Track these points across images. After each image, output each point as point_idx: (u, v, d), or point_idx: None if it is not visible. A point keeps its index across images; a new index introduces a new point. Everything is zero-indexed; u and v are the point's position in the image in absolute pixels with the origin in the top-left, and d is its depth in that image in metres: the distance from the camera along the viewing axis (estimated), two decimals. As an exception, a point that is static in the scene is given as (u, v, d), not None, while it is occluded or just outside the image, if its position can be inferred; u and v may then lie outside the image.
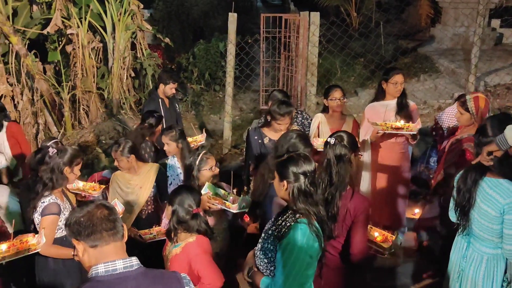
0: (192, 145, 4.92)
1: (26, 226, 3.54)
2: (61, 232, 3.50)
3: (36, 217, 3.42)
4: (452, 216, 3.22)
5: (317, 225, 2.49)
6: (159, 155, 4.95)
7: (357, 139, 3.24)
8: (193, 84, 10.19)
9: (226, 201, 3.50)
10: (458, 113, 4.02)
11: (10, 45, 7.99)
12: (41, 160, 3.62)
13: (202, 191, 3.42)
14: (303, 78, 7.10)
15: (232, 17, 6.85)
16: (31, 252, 3.27)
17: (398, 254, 3.05)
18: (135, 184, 4.21)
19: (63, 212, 3.50)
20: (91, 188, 4.22)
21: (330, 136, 3.10)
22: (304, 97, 7.11)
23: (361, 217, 2.94)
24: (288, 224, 2.49)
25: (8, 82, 8.01)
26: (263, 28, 7.44)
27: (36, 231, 3.41)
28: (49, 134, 8.62)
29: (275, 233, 2.55)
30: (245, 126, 8.01)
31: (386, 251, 3.08)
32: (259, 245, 2.68)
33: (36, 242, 3.24)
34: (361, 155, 3.42)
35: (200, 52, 10.27)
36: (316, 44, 6.78)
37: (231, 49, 6.94)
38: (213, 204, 3.47)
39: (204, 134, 5.30)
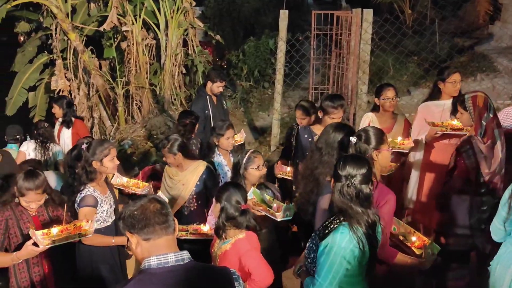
0: None
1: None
2: (99, 224, 3.59)
3: (76, 207, 3.54)
4: (498, 232, 2.94)
5: (362, 230, 2.44)
6: (202, 152, 5.00)
7: (382, 137, 3.14)
8: (242, 81, 10.25)
9: (270, 209, 3.51)
10: (458, 113, 3.83)
11: (69, 41, 8.34)
12: (77, 156, 3.71)
13: (248, 196, 3.42)
14: (354, 76, 6.98)
15: (284, 14, 6.83)
16: (81, 238, 3.36)
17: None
18: (178, 180, 4.25)
19: (100, 204, 3.58)
20: (134, 185, 4.26)
21: (352, 135, 3.09)
22: (355, 96, 7.00)
23: (383, 209, 2.88)
24: (332, 226, 2.48)
25: (66, 77, 8.37)
26: (314, 25, 7.37)
27: None
28: (103, 128, 8.93)
29: (319, 234, 2.55)
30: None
31: (418, 258, 2.99)
32: (307, 244, 2.68)
33: (88, 228, 3.33)
34: (391, 150, 3.30)
35: (250, 49, 10.31)
36: (368, 41, 6.65)
37: (282, 46, 6.93)
38: (257, 211, 3.48)
39: (243, 134, 5.29)
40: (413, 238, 3.16)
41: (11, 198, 3.38)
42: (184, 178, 4.24)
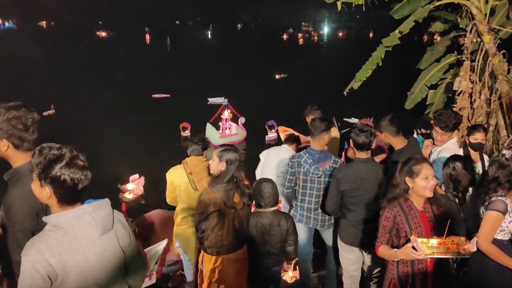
0: None
1: None
2: (504, 235, 3.48)
3: (482, 210, 3.54)
4: None
5: None
6: None
7: None
8: None
9: None
10: None
11: (481, 43, 8.09)
12: (501, 165, 3.65)
13: None
14: None
15: None
16: (460, 256, 3.29)
17: None
18: None
19: (509, 213, 3.46)
20: None
21: None
22: None
23: None
24: None
25: (470, 79, 8.20)
26: None
27: None
28: (497, 137, 8.41)
29: None
30: None
31: None
32: None
33: (467, 248, 3.23)
34: None
35: None
36: None
37: None
38: None
39: None
40: None
41: (403, 192, 3.48)
42: None
